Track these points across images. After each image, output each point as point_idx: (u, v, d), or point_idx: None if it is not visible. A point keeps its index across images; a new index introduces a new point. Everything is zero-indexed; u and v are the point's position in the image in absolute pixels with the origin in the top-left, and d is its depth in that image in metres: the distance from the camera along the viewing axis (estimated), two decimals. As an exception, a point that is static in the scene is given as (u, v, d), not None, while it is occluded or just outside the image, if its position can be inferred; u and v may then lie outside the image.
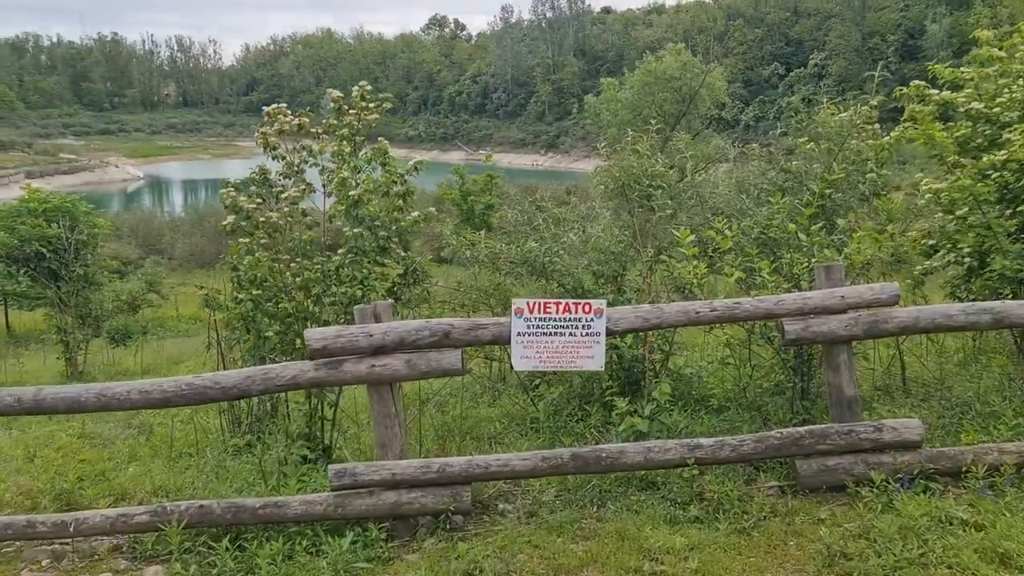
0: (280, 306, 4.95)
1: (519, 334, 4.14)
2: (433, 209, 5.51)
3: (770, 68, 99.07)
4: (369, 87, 5.30)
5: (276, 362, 4.91)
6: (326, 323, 4.92)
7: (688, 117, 42.55)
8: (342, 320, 4.92)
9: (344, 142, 5.16)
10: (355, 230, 4.88)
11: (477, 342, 4.19)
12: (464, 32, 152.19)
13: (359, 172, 5.09)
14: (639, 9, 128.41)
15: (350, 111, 5.14)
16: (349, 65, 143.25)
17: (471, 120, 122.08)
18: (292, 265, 5.04)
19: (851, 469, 4.18)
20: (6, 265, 10.72)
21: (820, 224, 5.19)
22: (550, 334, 4.15)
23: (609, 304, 4.22)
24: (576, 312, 4.13)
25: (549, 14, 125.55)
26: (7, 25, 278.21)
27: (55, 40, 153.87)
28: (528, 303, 4.13)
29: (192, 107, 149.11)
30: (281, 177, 5.26)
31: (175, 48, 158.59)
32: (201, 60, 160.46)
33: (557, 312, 4.14)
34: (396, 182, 5.20)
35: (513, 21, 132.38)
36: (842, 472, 4.19)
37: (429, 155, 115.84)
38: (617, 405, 4.62)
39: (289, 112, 5.19)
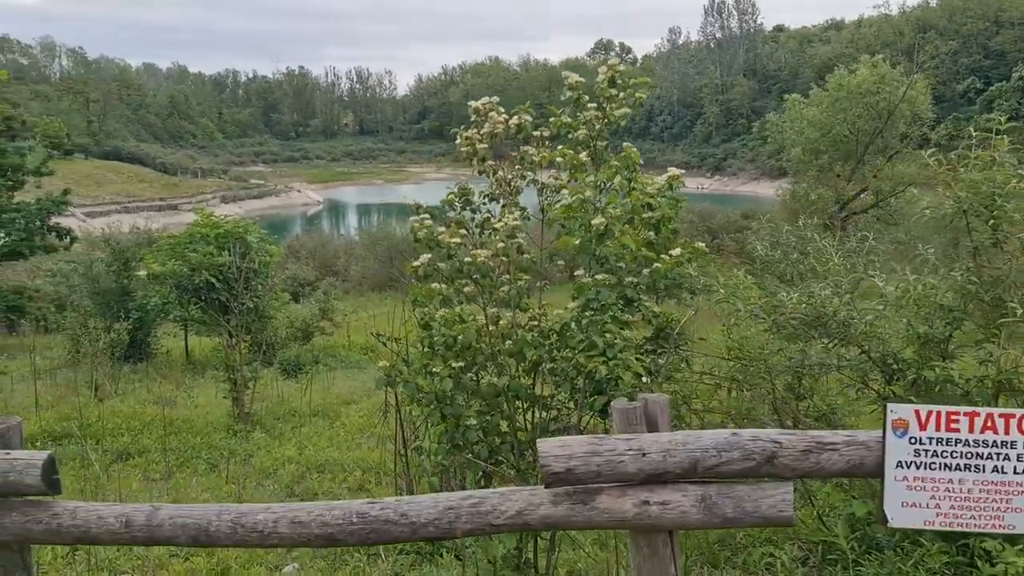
0: (486, 381, 3.53)
1: (900, 464, 2.43)
2: (702, 244, 3.89)
3: (966, 82, 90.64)
4: (621, 66, 3.79)
5: (479, 455, 3.49)
6: (548, 407, 3.44)
7: (884, 135, 38.51)
8: (569, 404, 3.44)
9: (578, 148, 3.70)
10: (598, 276, 3.38)
11: (820, 472, 2.52)
12: (629, 55, 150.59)
13: (602, 191, 3.60)
14: (815, 26, 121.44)
15: (590, 104, 3.66)
16: (515, 91, 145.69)
17: (634, 143, 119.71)
18: (501, 323, 3.62)
19: None
20: (178, 295, 10.27)
21: None
22: (956, 467, 2.41)
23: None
24: (1007, 430, 2.37)
25: (718, 34, 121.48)
26: (210, 64, 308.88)
27: (251, 76, 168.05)
28: (918, 412, 2.42)
29: (368, 135, 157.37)
30: (486, 199, 3.87)
31: (354, 80, 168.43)
32: (377, 90, 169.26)
33: (970, 430, 2.39)
34: (648, 205, 3.66)
35: (680, 42, 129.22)
36: None
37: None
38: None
39: (502, 109, 3.79)
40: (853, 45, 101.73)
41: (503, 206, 3.84)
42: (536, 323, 3.73)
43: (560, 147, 3.82)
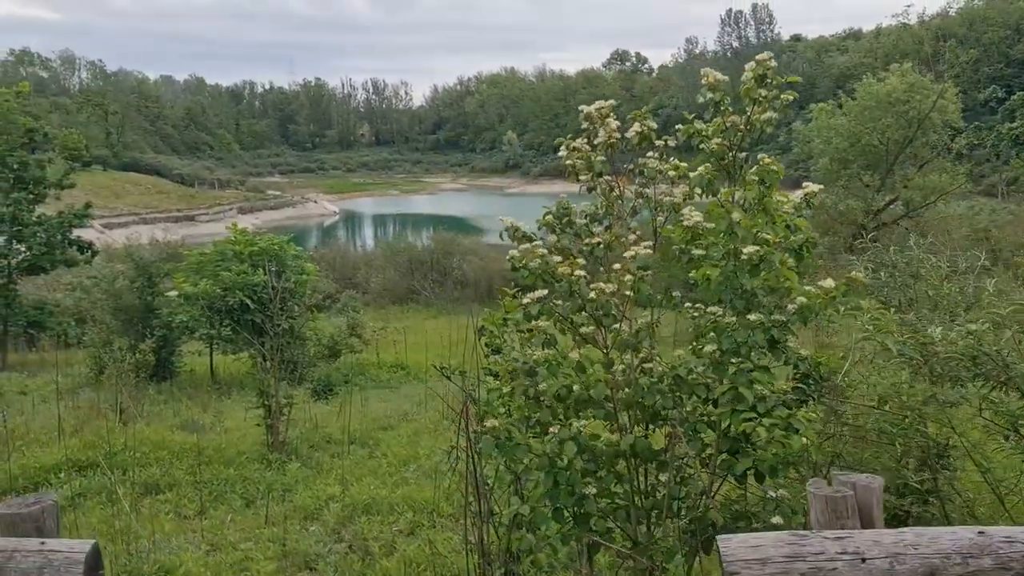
0: (604, 439, 2.96)
1: None
2: (860, 274, 3.29)
3: (987, 91, 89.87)
4: (773, 61, 3.24)
5: (597, 528, 2.91)
6: (674, 467, 2.86)
7: (913, 145, 37.78)
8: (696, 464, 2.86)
9: (713, 159, 3.14)
10: (751, 315, 2.81)
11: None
12: (646, 66, 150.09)
13: (739, 211, 3.04)
14: (832, 35, 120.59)
15: (729, 110, 3.10)
16: (531, 103, 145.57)
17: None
18: (617, 367, 3.04)
19: None
20: (208, 316, 9.73)
21: None
22: None
23: None
24: None
25: (735, 44, 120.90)
26: (227, 74, 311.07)
27: (267, 87, 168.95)
28: None
29: (384, 146, 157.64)
30: (587, 220, 3.31)
31: (370, 91, 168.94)
32: (393, 101, 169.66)
33: None
34: (789, 226, 3.09)
35: (697, 52, 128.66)
36: None
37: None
38: None
39: (612, 114, 3.24)
40: (872, 55, 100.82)
41: (607, 227, 3.28)
42: (649, 366, 3.16)
43: (693, 159, 3.26)
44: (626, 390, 3.04)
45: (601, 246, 3.18)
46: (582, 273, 2.94)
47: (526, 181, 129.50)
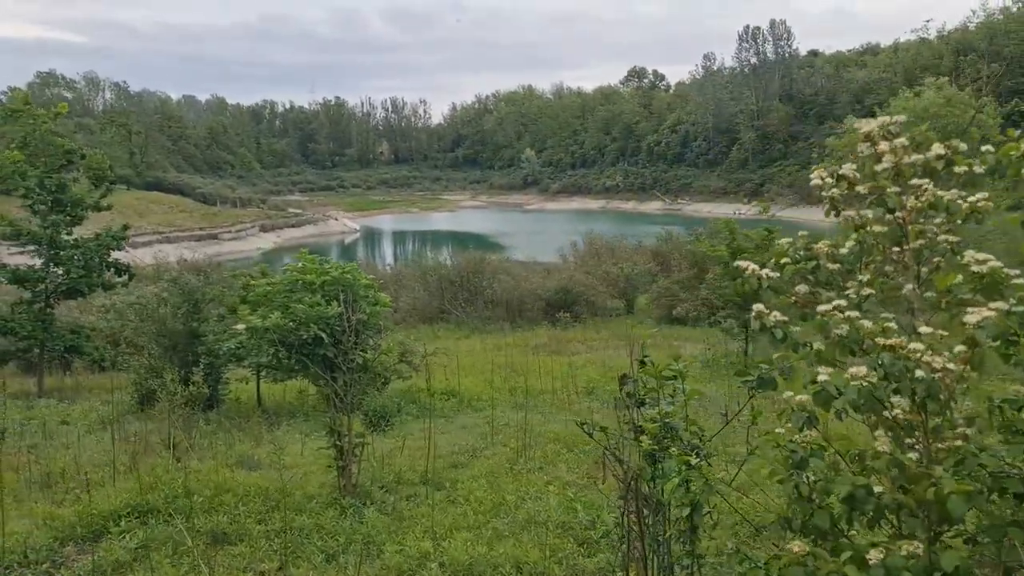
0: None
1: None
2: None
3: (1010, 104, 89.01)
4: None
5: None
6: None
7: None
8: None
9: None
10: None
11: None
12: (663, 82, 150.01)
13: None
14: (849, 51, 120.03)
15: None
16: (549, 120, 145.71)
17: (669, 169, 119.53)
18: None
19: None
20: (275, 351, 9.16)
21: None
22: None
23: None
24: None
25: (753, 60, 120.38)
26: (249, 94, 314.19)
27: (288, 106, 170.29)
28: None
29: (403, 163, 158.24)
30: (844, 264, 2.73)
31: (389, 109, 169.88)
32: (412, 119, 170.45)
33: None
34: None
35: (715, 69, 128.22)
36: None
37: (627, 205, 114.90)
38: None
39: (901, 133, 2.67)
40: (891, 69, 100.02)
41: (875, 274, 2.68)
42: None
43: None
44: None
45: (870, 297, 2.60)
46: (919, 346, 2.32)
47: (545, 198, 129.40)
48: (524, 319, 29.91)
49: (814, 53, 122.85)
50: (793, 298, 2.62)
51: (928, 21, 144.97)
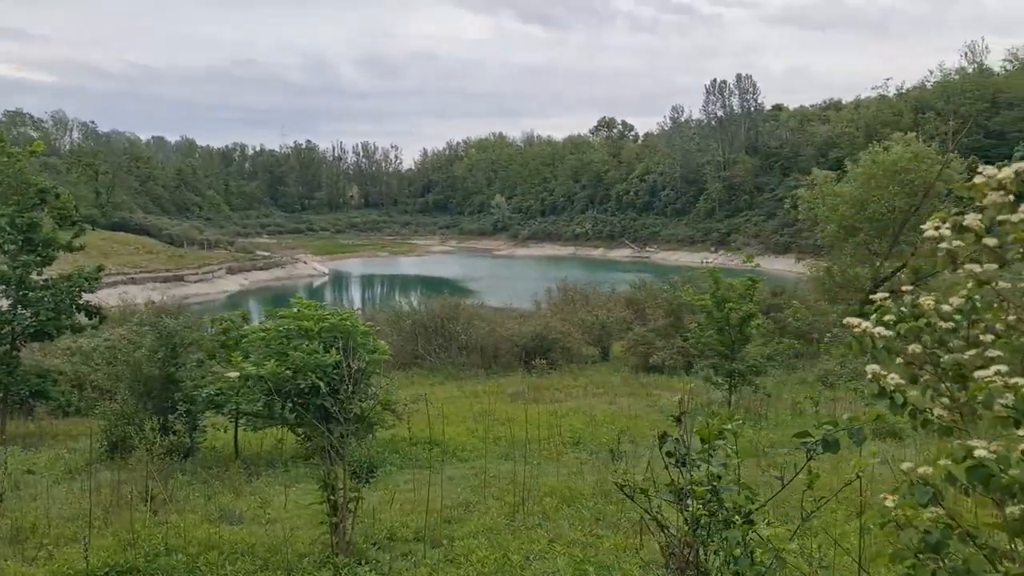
0: None
1: None
2: None
3: (968, 160, 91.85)
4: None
5: None
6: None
7: (920, 213, 37.95)
8: None
9: None
10: None
11: None
12: (632, 132, 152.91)
13: None
14: (812, 105, 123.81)
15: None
16: (519, 167, 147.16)
17: (638, 218, 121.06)
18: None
19: None
20: (268, 400, 8.84)
21: None
22: None
23: None
24: None
25: (720, 112, 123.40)
26: (219, 137, 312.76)
27: (258, 149, 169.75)
28: None
29: (373, 208, 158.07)
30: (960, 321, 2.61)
31: (360, 154, 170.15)
32: (383, 164, 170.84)
33: None
34: None
35: (683, 120, 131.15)
36: None
37: (596, 252, 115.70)
38: None
39: None
40: (853, 124, 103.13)
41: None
42: None
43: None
44: None
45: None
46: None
47: (514, 244, 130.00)
48: (499, 365, 29.61)
49: (778, 107, 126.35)
50: (907, 359, 2.51)
51: (888, 79, 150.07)
